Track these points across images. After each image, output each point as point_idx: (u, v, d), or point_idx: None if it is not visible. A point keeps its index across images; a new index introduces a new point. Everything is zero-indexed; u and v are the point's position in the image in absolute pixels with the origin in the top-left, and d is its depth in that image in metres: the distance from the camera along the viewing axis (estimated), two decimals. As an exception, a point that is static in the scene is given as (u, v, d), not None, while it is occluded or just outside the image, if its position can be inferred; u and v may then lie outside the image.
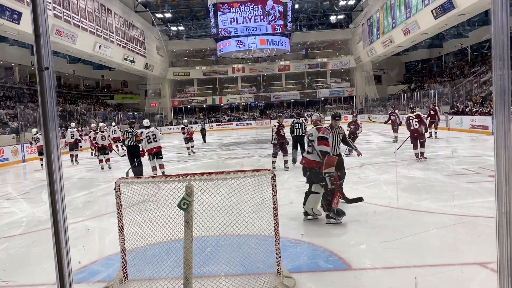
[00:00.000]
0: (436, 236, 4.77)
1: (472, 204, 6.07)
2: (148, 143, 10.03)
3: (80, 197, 8.61)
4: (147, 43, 35.94)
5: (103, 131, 13.22)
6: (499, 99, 1.73)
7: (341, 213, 5.34)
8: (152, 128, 10.31)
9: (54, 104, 2.04)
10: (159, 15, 36.86)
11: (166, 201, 3.89)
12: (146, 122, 10.60)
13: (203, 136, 21.84)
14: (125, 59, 30.48)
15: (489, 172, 8.35)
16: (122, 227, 3.69)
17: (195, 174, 3.78)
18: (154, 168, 10.21)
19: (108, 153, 13.13)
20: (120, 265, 3.76)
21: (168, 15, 37.02)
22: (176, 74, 42.95)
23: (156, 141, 10.09)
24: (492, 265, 3.71)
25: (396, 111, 17.13)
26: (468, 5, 19.36)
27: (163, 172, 10.13)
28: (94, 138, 14.48)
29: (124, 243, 3.71)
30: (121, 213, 3.68)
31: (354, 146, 6.99)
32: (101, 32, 26.46)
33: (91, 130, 16.41)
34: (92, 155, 17.49)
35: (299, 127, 10.53)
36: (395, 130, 16.41)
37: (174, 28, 40.59)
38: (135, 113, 39.68)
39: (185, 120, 18.45)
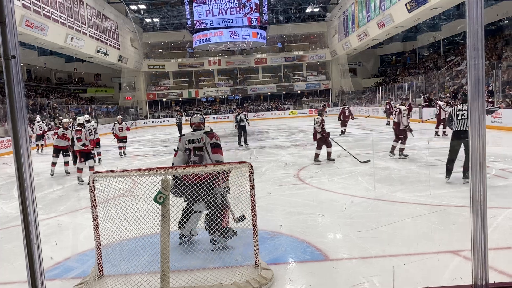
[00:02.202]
0: (411, 225, 4.86)
1: (446, 194, 6.21)
2: (90, 135, 10.24)
3: (53, 193, 8.40)
4: (121, 35, 35.23)
5: (67, 128, 10.59)
6: (474, 88, 1.75)
7: (232, 234, 4.28)
8: (92, 122, 10.79)
9: (22, 95, 1.95)
10: (133, 7, 36.15)
11: (142, 195, 3.83)
12: (85, 117, 10.82)
13: (180, 129, 21.61)
14: (98, 51, 29.80)
15: (461, 163, 8.55)
16: (97, 222, 3.61)
17: (171, 167, 3.74)
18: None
19: (67, 155, 10.65)
20: (96, 261, 3.68)
21: (142, 6, 36.34)
22: (151, 67, 42.31)
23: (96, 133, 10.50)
24: (464, 252, 3.80)
25: (392, 102, 19.75)
26: (440, -1, 19.75)
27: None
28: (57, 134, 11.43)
29: (99, 238, 3.63)
30: (95, 208, 3.60)
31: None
32: (73, 24, 25.76)
33: (59, 126, 15.58)
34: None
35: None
36: (389, 117, 18.59)
37: (148, 20, 39.90)
38: (109, 107, 38.94)
39: (119, 116, 14.54)
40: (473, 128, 1.78)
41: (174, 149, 4.64)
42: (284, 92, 43.74)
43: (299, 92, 43.73)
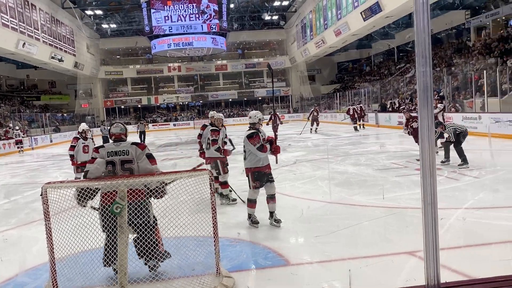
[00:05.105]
0: (368, 228, 4.98)
1: (401, 196, 6.42)
2: None
3: (3, 205, 7.99)
4: (77, 41, 34.19)
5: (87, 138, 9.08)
6: (423, 94, 1.82)
7: (166, 256, 3.92)
8: None
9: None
10: (89, 12, 35.22)
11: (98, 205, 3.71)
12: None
13: (143, 138, 21.17)
14: (53, 57, 28.74)
15: (416, 166, 8.88)
16: (51, 235, 3.46)
17: (129, 176, 3.64)
18: None
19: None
20: (49, 275, 3.52)
21: (98, 11, 35.46)
22: (108, 73, 41.28)
23: None
24: (420, 253, 3.91)
25: (354, 106, 21.51)
26: (393, 8, 20.48)
27: None
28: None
29: (53, 252, 3.48)
30: (49, 220, 3.45)
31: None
32: (25, 29, 24.71)
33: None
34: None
35: None
36: (355, 121, 20.68)
37: (105, 26, 38.95)
38: (65, 114, 37.63)
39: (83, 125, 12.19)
40: (423, 133, 1.85)
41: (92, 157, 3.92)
42: (245, 99, 43.85)
43: (260, 98, 43.98)
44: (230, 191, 6.85)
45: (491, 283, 1.89)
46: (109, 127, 4.31)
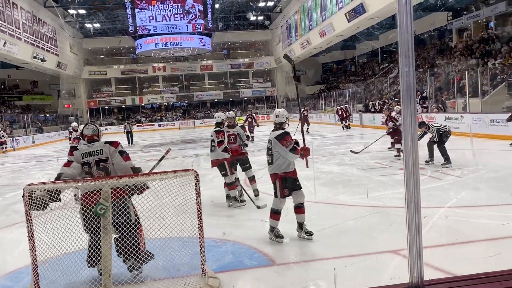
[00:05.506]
0: (353, 227, 5.02)
1: (385, 195, 6.49)
2: None
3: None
4: (59, 41, 33.66)
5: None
6: (406, 94, 1.85)
7: (150, 258, 3.87)
8: None
9: None
10: (72, 11, 34.72)
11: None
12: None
13: (131, 138, 21.23)
14: (35, 57, 28.24)
15: (399, 165, 8.99)
16: (33, 237, 3.40)
17: (112, 177, 3.59)
18: None
19: None
20: (31, 278, 3.46)
21: (81, 11, 34.99)
22: (92, 73, 40.79)
23: None
24: (404, 251, 3.96)
25: (342, 107, 21.89)
26: (377, 9, 20.67)
27: None
28: None
29: (35, 254, 3.42)
30: (30, 222, 3.39)
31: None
32: (5, 28, 24.24)
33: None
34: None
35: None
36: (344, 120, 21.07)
37: (88, 25, 38.45)
38: (47, 115, 37.03)
39: (73, 124, 13.11)
40: (406, 132, 1.87)
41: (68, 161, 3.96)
42: (230, 99, 43.78)
43: (245, 98, 43.97)
44: (240, 192, 6.57)
45: (473, 280, 1.92)
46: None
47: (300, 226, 4.70)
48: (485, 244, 4.25)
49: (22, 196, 3.39)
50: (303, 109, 21.94)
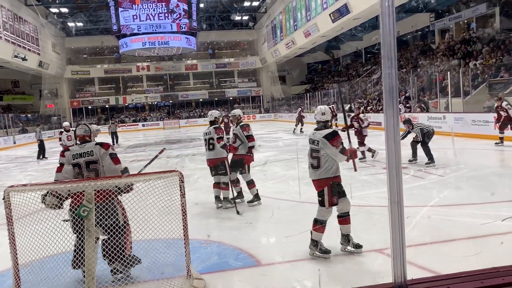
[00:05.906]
0: (337, 227, 5.03)
1: (369, 195, 6.55)
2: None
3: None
4: (41, 40, 33.09)
5: None
6: (388, 96, 1.86)
7: (136, 262, 3.83)
8: None
9: None
10: (54, 10, 34.17)
11: (64, 208, 3.61)
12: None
13: (116, 138, 21.17)
14: (16, 56, 27.71)
15: (383, 165, 9.07)
16: (14, 240, 3.34)
17: (95, 179, 3.56)
18: None
19: None
20: (12, 282, 3.40)
21: (64, 9, 34.47)
22: (75, 73, 40.24)
23: None
24: (387, 251, 4.00)
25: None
26: (361, 10, 20.86)
27: None
28: None
29: (16, 257, 3.36)
30: (11, 225, 3.33)
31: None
32: (-16, 26, 23.80)
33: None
34: None
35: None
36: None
37: (71, 24, 37.89)
38: (29, 115, 36.37)
39: (65, 123, 13.73)
40: (389, 133, 1.88)
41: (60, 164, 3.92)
42: (216, 99, 43.63)
43: (231, 98, 43.89)
44: (239, 193, 6.38)
45: (455, 278, 1.95)
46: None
47: (347, 238, 4.19)
48: (466, 243, 4.32)
49: (3, 198, 3.33)
50: (300, 109, 22.10)
